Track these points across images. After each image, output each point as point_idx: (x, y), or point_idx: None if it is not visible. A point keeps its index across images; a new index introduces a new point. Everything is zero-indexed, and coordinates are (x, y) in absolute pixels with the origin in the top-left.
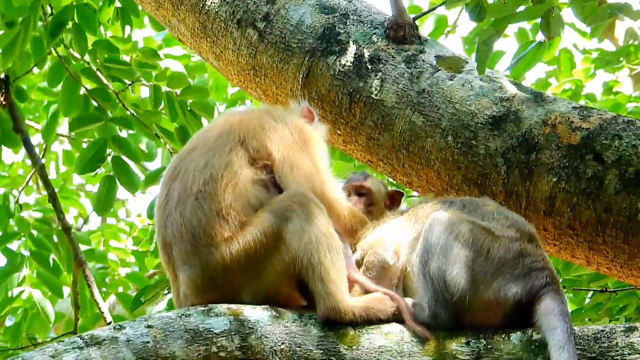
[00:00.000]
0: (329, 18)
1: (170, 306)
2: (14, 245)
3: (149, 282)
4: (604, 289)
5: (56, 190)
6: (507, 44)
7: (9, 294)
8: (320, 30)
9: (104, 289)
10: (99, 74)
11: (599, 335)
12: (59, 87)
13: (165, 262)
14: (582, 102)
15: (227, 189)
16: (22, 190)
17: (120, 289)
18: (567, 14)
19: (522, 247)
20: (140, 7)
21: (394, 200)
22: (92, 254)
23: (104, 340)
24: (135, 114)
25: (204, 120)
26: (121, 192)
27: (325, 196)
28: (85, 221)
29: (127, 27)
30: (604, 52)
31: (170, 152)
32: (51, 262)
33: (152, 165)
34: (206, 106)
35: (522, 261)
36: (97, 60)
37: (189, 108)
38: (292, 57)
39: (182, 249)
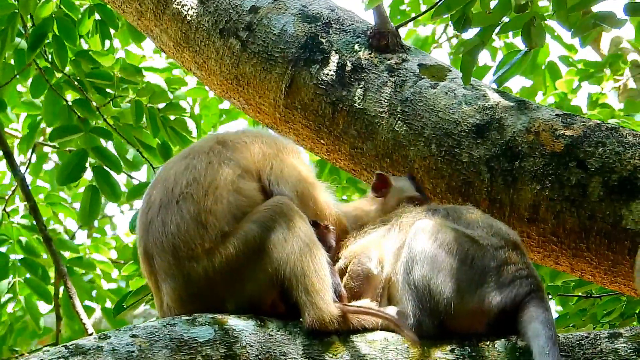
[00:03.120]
0: (311, 27)
1: None
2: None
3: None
4: (588, 295)
5: (41, 196)
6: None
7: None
8: (303, 40)
9: (91, 303)
10: (79, 84)
11: (583, 341)
12: (42, 98)
13: (147, 272)
14: None
15: (208, 191)
16: (8, 198)
17: (108, 304)
18: (555, 27)
19: (506, 255)
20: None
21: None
22: (79, 262)
23: (89, 349)
24: (115, 128)
25: None
26: (108, 209)
27: (316, 199)
28: (72, 237)
29: (107, 40)
30: (588, 64)
31: (152, 168)
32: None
33: (138, 175)
34: (185, 124)
35: (506, 269)
36: (80, 70)
37: (170, 125)
38: (275, 66)
39: (164, 260)
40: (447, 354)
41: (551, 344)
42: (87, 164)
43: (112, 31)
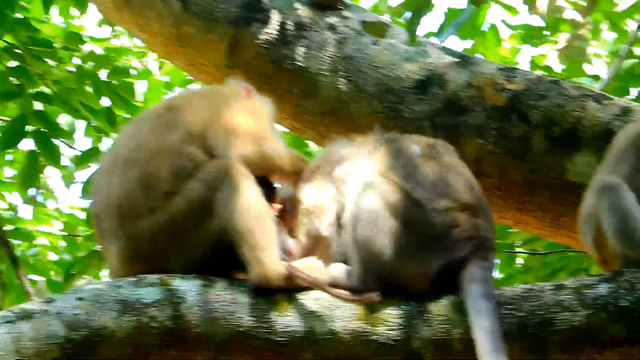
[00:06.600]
0: None
1: None
2: None
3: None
4: (535, 252)
5: None
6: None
7: None
8: None
9: (34, 276)
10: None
11: (528, 293)
12: None
13: (97, 235)
14: None
15: (151, 156)
16: None
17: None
18: None
19: (453, 218)
20: None
21: None
22: (18, 233)
23: (35, 313)
24: (56, 92)
25: None
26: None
27: (264, 153)
28: (15, 212)
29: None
30: (529, 28)
31: (99, 133)
32: None
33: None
34: (129, 88)
35: (451, 232)
36: (17, 38)
37: (114, 90)
38: (217, 26)
39: (109, 221)
40: (392, 309)
41: (486, 302)
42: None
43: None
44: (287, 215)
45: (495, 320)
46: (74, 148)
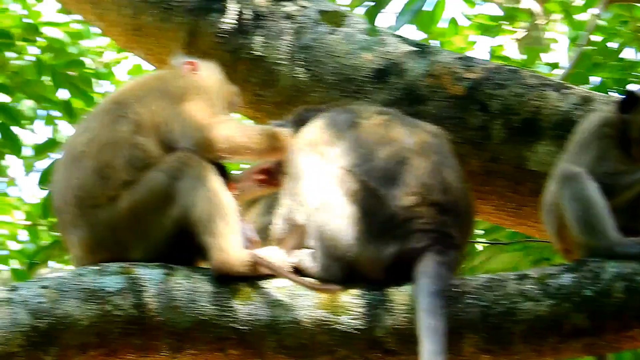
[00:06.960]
0: None
1: None
2: None
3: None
4: (496, 242)
5: None
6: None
7: None
8: None
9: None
10: None
11: (491, 283)
12: None
13: (59, 226)
14: None
15: (104, 148)
16: None
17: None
18: None
19: (415, 212)
20: None
21: None
22: None
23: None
24: (16, 83)
25: None
26: (11, 171)
27: (216, 140)
28: None
29: None
30: (487, 18)
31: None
32: None
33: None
34: (87, 79)
35: (409, 223)
36: None
37: (72, 82)
38: (175, 16)
39: (69, 212)
40: (355, 297)
41: (434, 299)
42: None
43: None
44: (274, 182)
45: (440, 318)
46: (36, 133)
